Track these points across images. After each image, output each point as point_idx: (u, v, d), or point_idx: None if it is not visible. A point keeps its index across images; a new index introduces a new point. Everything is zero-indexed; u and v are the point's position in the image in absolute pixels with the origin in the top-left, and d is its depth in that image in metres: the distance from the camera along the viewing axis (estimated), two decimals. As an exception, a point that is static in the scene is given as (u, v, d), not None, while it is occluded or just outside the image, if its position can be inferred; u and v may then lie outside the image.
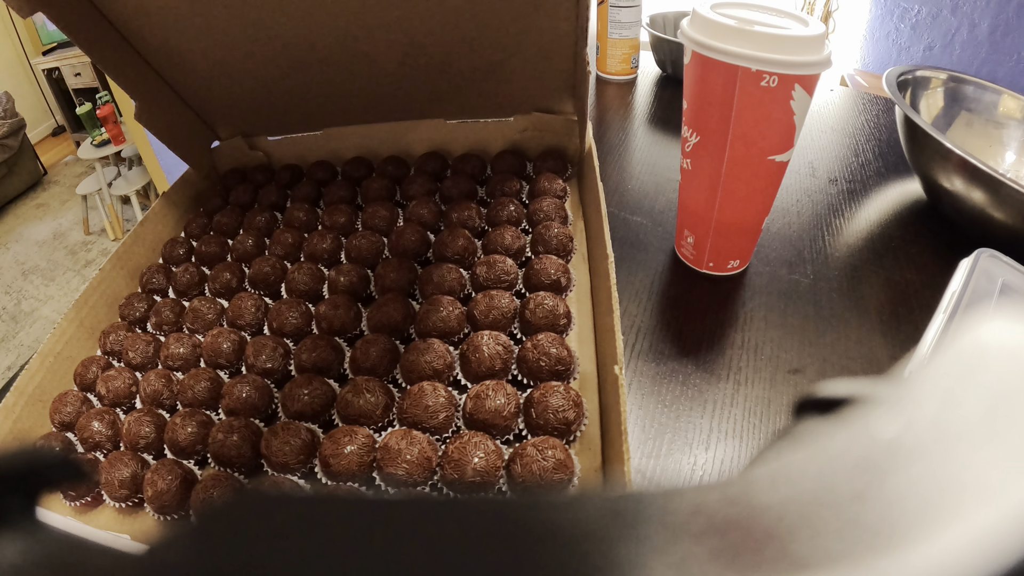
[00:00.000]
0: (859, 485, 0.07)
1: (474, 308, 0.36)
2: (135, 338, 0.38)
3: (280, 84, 0.47)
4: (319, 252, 0.43)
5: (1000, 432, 0.07)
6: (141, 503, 0.31)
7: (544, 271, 0.37)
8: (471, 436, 0.29)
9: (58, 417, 0.35)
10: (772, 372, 0.36)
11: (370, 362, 0.34)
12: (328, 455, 0.29)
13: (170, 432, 0.32)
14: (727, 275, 0.43)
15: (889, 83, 0.49)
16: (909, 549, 0.06)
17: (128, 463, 0.31)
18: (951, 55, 1.55)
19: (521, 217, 0.44)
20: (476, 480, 0.28)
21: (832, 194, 0.52)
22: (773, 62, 0.31)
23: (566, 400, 0.30)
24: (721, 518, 0.07)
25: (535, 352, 0.32)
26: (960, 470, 0.07)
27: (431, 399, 0.31)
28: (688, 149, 0.38)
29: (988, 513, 0.06)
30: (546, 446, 0.28)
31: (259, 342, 0.36)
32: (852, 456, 0.07)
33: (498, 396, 0.30)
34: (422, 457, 0.28)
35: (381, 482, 0.29)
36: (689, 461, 0.32)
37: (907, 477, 0.07)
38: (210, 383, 0.35)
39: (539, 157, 0.49)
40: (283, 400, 0.33)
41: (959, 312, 0.30)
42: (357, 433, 0.30)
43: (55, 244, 2.34)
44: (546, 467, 0.27)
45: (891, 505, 0.06)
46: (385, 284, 0.39)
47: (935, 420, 0.08)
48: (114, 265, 0.43)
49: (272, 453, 0.30)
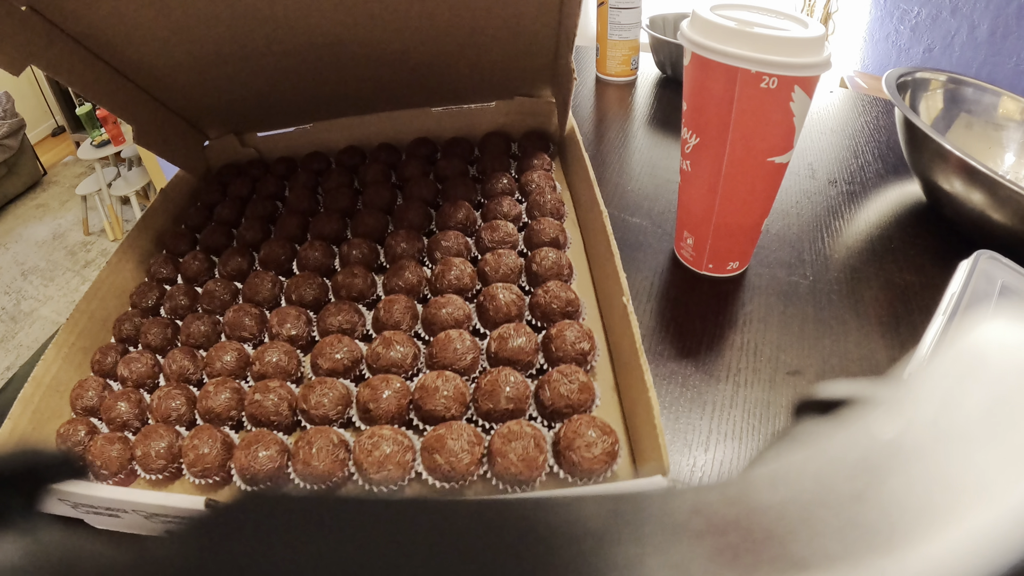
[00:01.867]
0: (859, 485, 0.07)
1: (484, 266, 0.39)
2: (151, 323, 0.39)
3: (266, 82, 0.48)
4: (327, 232, 0.45)
5: (999, 433, 0.07)
6: (177, 474, 0.32)
7: (544, 231, 0.41)
8: (500, 370, 0.31)
9: (80, 403, 0.35)
10: (771, 373, 0.36)
11: (393, 319, 0.36)
12: (367, 401, 0.31)
13: (203, 401, 0.33)
14: (726, 276, 0.43)
15: (889, 85, 0.49)
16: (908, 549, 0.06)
17: (163, 434, 0.32)
18: (951, 57, 1.55)
19: (514, 188, 0.47)
20: (509, 408, 0.30)
21: (831, 196, 0.52)
22: (773, 64, 0.31)
23: (580, 334, 0.33)
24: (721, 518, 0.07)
25: (547, 297, 0.35)
26: (960, 471, 0.07)
27: (458, 343, 0.33)
28: (688, 151, 0.38)
29: (987, 513, 0.06)
30: (570, 371, 0.31)
31: (282, 311, 0.38)
32: (852, 457, 0.07)
33: (519, 336, 0.33)
34: (457, 392, 0.31)
35: (418, 422, 0.31)
36: (688, 462, 0.32)
37: (907, 478, 0.07)
38: (237, 354, 0.36)
39: (523, 137, 0.52)
40: (314, 360, 0.35)
41: (958, 314, 0.30)
42: (391, 380, 0.32)
43: (55, 244, 2.34)
44: (572, 389, 0.30)
45: (891, 505, 0.06)
46: (396, 254, 0.41)
47: (934, 421, 0.08)
48: (120, 259, 0.44)
49: (311, 407, 0.32)
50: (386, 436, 0.29)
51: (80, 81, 0.42)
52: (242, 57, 0.44)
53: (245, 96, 0.50)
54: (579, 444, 0.27)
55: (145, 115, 0.48)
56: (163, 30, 0.40)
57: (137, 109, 0.47)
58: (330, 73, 0.48)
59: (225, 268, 0.43)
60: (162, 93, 0.48)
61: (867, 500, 0.07)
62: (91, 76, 0.42)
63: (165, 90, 0.48)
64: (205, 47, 0.42)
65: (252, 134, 0.57)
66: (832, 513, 0.07)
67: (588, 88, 0.76)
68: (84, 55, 0.41)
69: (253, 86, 0.48)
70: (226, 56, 0.44)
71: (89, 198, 2.32)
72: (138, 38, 0.41)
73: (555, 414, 0.30)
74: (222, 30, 0.41)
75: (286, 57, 0.45)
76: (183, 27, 0.40)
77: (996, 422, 0.07)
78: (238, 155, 0.57)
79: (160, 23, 0.40)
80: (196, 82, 0.47)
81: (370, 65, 0.47)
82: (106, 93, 0.44)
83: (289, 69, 0.46)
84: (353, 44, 0.44)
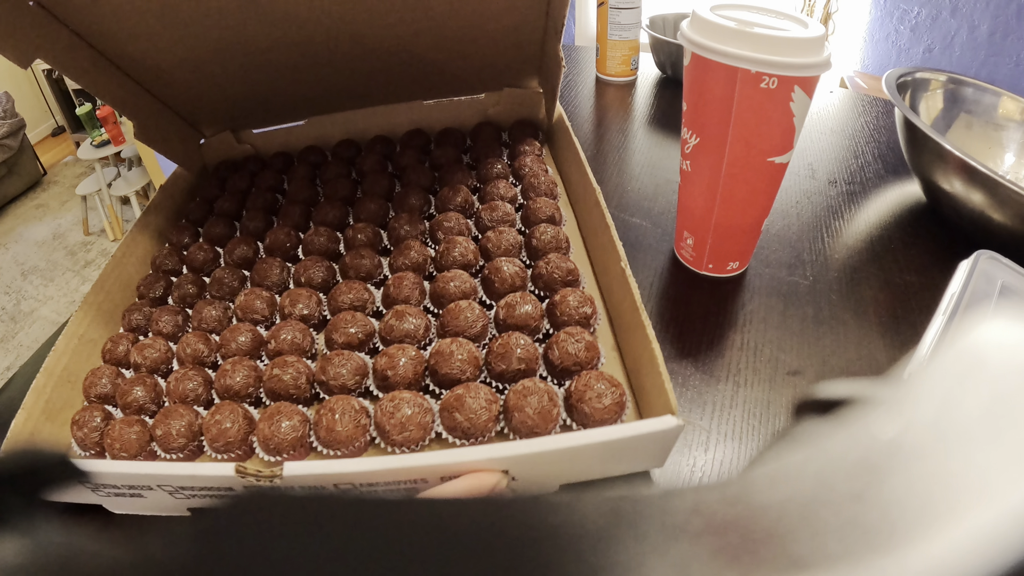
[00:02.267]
0: (858, 485, 0.07)
1: (486, 243, 0.41)
2: (162, 311, 0.40)
3: (262, 77, 0.49)
4: (330, 220, 0.46)
5: (1000, 433, 0.07)
6: (197, 452, 0.33)
7: (540, 209, 0.42)
8: (510, 334, 0.33)
9: (94, 391, 0.35)
10: (771, 373, 0.36)
11: (403, 295, 0.37)
12: (384, 369, 0.32)
13: (221, 380, 0.34)
14: (726, 277, 0.43)
15: (889, 85, 0.49)
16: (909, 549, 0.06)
17: (183, 413, 0.32)
18: (951, 57, 1.55)
19: (508, 173, 0.48)
20: (521, 368, 0.32)
21: (831, 196, 0.52)
22: (773, 64, 0.31)
23: (582, 299, 0.34)
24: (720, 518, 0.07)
25: (548, 268, 0.37)
26: (960, 470, 0.07)
27: (467, 312, 0.35)
28: (688, 151, 0.38)
29: (987, 513, 0.06)
30: (576, 332, 0.32)
31: (294, 292, 0.39)
32: (852, 456, 0.07)
33: (526, 303, 0.35)
34: (471, 356, 0.32)
35: (434, 386, 0.33)
36: (688, 462, 0.32)
37: (907, 477, 0.07)
38: (252, 334, 0.37)
39: (513, 126, 0.54)
40: (328, 335, 0.36)
41: (958, 314, 0.30)
42: (407, 349, 0.33)
43: (55, 244, 2.33)
44: (579, 348, 0.32)
45: (891, 505, 0.06)
46: (399, 236, 0.43)
47: (934, 421, 0.08)
48: (124, 253, 0.45)
49: (330, 377, 0.33)
50: (406, 399, 0.30)
51: (83, 76, 0.42)
52: (239, 52, 0.45)
53: (241, 92, 0.50)
54: (590, 396, 0.29)
55: (145, 111, 0.48)
56: (162, 25, 0.41)
57: (137, 105, 0.48)
58: (324, 68, 0.48)
59: (231, 257, 0.44)
60: (161, 90, 0.49)
61: (867, 500, 0.07)
62: (93, 71, 0.43)
63: (164, 86, 0.48)
64: (202, 42, 0.43)
65: (247, 131, 0.57)
66: (832, 513, 0.07)
67: (588, 88, 0.76)
68: (87, 51, 0.42)
69: (249, 81, 0.49)
70: (223, 51, 0.44)
71: (89, 198, 2.32)
72: (137, 33, 0.41)
73: (564, 372, 0.32)
74: (220, 25, 0.41)
75: (282, 52, 0.45)
76: (182, 22, 0.41)
77: (996, 422, 0.07)
78: (234, 152, 0.57)
79: (159, 18, 0.40)
80: (193, 78, 0.47)
81: (364, 59, 0.48)
82: (107, 89, 0.44)
83: (284, 64, 0.47)
84: (347, 39, 0.45)
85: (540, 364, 0.33)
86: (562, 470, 0.28)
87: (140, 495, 0.29)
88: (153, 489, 0.28)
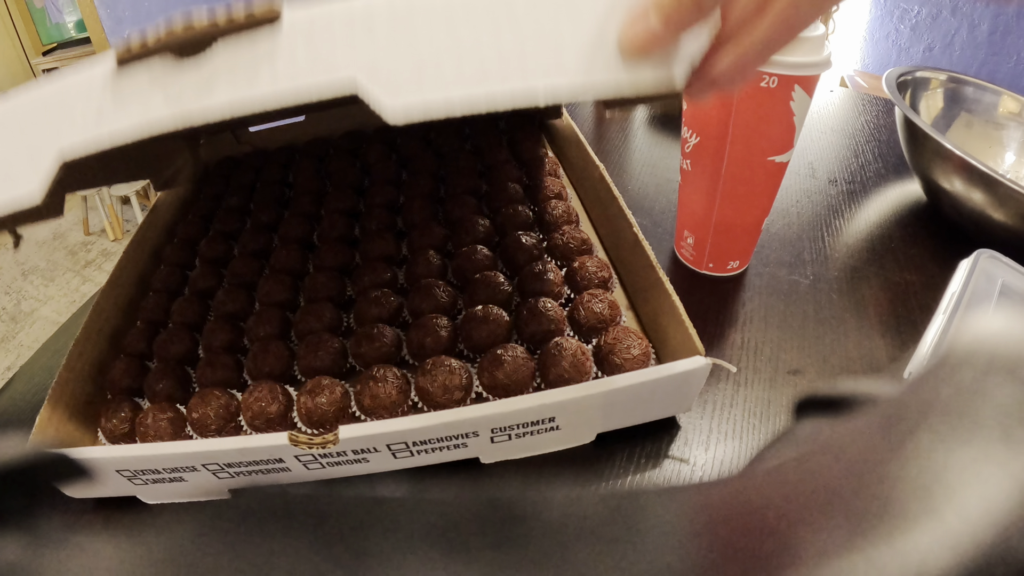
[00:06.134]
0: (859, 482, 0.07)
1: (501, 220, 0.43)
2: (181, 302, 0.40)
3: None
4: (342, 207, 0.47)
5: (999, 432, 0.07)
6: (234, 433, 0.33)
7: (548, 187, 0.45)
8: (537, 299, 0.35)
9: (121, 383, 0.36)
10: (772, 373, 0.36)
11: (429, 271, 0.39)
12: (422, 338, 0.34)
13: (252, 362, 0.35)
14: (727, 276, 0.43)
15: (889, 84, 0.49)
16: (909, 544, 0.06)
17: (219, 395, 0.33)
18: (951, 56, 1.55)
19: (510, 156, 0.50)
20: (551, 328, 0.34)
21: (832, 195, 0.52)
22: (773, 63, 0.31)
23: (600, 265, 0.37)
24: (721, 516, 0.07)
25: (563, 239, 0.40)
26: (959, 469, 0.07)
27: (494, 280, 0.37)
28: (688, 150, 0.38)
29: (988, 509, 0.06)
30: (598, 292, 0.35)
31: (316, 275, 0.40)
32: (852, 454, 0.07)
33: (548, 271, 0.38)
34: (502, 320, 0.35)
35: (468, 351, 0.35)
36: (689, 462, 0.32)
37: (906, 476, 0.07)
38: (280, 317, 0.37)
39: (509, 114, 0.55)
40: (358, 312, 0.37)
41: (959, 313, 0.30)
42: (440, 318, 0.35)
43: (55, 244, 2.34)
44: (603, 307, 0.34)
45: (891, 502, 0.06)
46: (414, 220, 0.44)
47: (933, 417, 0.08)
48: (135, 248, 0.45)
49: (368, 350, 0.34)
50: (446, 363, 0.32)
51: None
52: None
53: None
54: (619, 348, 0.31)
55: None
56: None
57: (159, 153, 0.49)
58: None
59: (246, 247, 0.45)
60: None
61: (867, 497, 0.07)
62: None
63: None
64: None
65: (245, 130, 0.57)
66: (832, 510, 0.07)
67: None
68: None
69: None
70: None
71: (89, 198, 2.32)
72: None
73: (590, 330, 0.34)
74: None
75: None
76: None
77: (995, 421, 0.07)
78: (234, 151, 0.58)
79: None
80: None
81: None
82: None
83: None
84: None
85: (567, 324, 0.35)
86: (600, 416, 0.30)
87: (181, 478, 0.29)
88: (197, 470, 0.28)
